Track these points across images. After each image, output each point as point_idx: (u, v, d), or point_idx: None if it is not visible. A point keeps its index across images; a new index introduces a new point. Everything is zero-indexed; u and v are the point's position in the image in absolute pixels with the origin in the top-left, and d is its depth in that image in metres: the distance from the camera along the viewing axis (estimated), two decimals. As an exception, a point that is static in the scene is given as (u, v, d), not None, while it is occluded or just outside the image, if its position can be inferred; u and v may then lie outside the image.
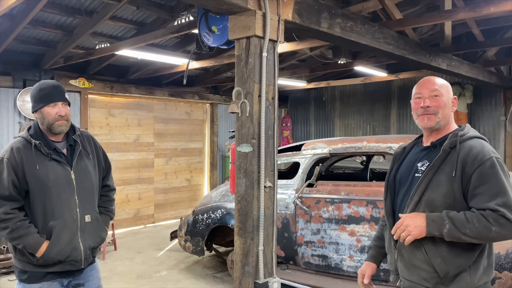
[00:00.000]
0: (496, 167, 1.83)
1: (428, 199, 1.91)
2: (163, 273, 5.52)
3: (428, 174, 1.93)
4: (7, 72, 6.29)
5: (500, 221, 1.76)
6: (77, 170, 2.48)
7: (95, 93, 7.40)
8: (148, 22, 5.85)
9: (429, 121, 1.99)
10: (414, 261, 1.95)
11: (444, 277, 1.88)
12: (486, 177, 1.82)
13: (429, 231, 1.85)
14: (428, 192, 1.92)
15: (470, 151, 1.87)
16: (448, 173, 1.88)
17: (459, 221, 1.80)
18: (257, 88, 2.84)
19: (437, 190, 1.89)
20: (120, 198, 7.88)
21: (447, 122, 2.02)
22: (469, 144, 1.90)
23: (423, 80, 2.09)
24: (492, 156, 1.86)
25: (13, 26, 5.16)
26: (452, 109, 2.04)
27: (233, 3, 2.69)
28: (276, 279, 2.92)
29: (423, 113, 2.00)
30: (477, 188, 1.83)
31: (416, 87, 2.08)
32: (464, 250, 1.87)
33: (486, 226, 1.76)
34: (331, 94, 10.78)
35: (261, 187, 2.84)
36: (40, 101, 2.41)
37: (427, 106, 1.98)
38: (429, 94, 1.99)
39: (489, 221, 1.76)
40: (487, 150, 1.89)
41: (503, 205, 1.77)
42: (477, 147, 1.89)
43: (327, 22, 3.36)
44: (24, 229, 2.33)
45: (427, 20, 4.29)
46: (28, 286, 2.43)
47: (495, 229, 1.76)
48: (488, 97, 8.52)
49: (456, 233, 1.80)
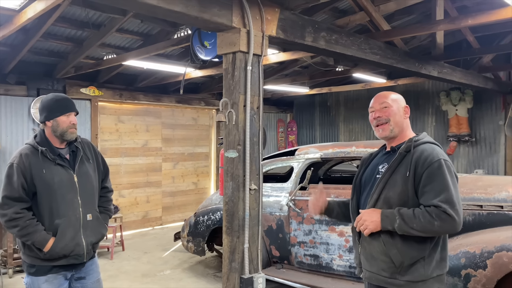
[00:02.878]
0: (442, 168, 2.03)
1: (385, 197, 2.14)
2: (167, 272, 5.80)
3: (386, 175, 2.16)
4: (22, 81, 6.68)
5: (442, 217, 1.96)
6: (79, 174, 2.75)
7: (105, 100, 7.76)
8: (153, 33, 6.18)
9: (384, 131, 2.23)
10: (373, 253, 2.17)
11: (399, 266, 2.08)
12: (433, 177, 2.03)
13: (383, 225, 2.09)
14: (386, 190, 2.14)
15: (422, 153, 2.09)
16: (403, 173, 2.10)
17: (407, 217, 2.02)
18: (243, 99, 3.11)
19: (393, 189, 2.12)
20: (129, 201, 8.22)
21: (401, 129, 2.25)
22: (422, 148, 2.12)
23: (376, 95, 2.34)
24: (440, 158, 2.06)
25: (27, 39, 5.54)
26: (404, 116, 2.27)
27: (219, 22, 2.97)
28: (261, 275, 3.17)
29: (376, 124, 2.25)
30: (425, 186, 2.04)
31: (370, 103, 2.34)
32: (416, 243, 2.07)
33: (430, 221, 1.97)
34: (336, 99, 11.00)
35: (246, 189, 3.10)
36: (56, 111, 2.67)
37: (378, 116, 2.23)
38: (379, 107, 2.25)
39: (433, 216, 1.96)
40: (436, 153, 2.09)
41: (445, 201, 1.97)
42: (428, 150, 2.10)
43: (312, 36, 3.62)
44: (33, 226, 2.59)
45: (411, 31, 4.51)
46: (36, 279, 2.67)
47: (437, 224, 1.96)
48: (488, 102, 8.63)
49: (405, 227, 2.02)
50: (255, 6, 3.14)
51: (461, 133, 8.61)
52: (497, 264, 3.30)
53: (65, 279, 2.77)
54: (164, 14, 2.83)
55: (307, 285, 4.40)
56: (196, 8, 2.79)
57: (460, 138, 8.66)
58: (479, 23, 3.69)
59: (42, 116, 2.72)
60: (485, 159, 8.76)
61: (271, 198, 4.91)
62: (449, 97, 8.59)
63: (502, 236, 3.45)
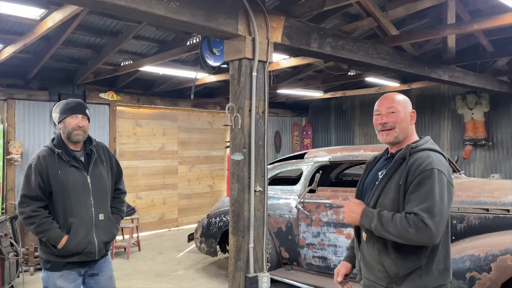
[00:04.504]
0: (433, 177, 1.93)
1: (381, 204, 2.07)
2: (180, 272, 5.95)
3: (382, 182, 2.08)
4: (44, 87, 6.97)
5: (418, 225, 1.86)
6: (93, 175, 2.90)
7: (123, 105, 8.00)
8: (168, 40, 6.37)
9: (388, 136, 2.13)
10: (371, 261, 2.10)
11: (394, 277, 2.00)
12: (421, 185, 1.94)
13: (361, 222, 2.03)
14: (381, 198, 2.07)
15: (415, 161, 1.99)
16: (397, 181, 2.02)
17: (385, 219, 1.94)
18: (248, 104, 3.24)
19: (387, 197, 2.04)
20: (146, 202, 8.43)
21: (406, 135, 2.14)
22: (417, 155, 2.02)
23: (381, 97, 2.21)
24: (433, 167, 1.95)
25: (49, 47, 5.81)
26: (410, 122, 2.15)
27: (225, 31, 3.10)
28: (266, 274, 3.27)
29: (381, 130, 2.14)
30: (411, 193, 1.95)
31: (376, 104, 2.19)
32: (410, 253, 1.97)
33: (405, 227, 1.87)
34: (351, 103, 11.02)
35: (251, 191, 3.21)
36: (64, 113, 2.85)
37: (384, 122, 2.12)
38: (386, 111, 2.12)
39: (409, 223, 1.87)
40: (430, 161, 1.97)
41: (426, 210, 1.87)
42: (422, 158, 1.99)
43: (317, 42, 3.71)
44: (48, 224, 2.74)
45: (418, 37, 4.55)
46: (51, 274, 2.83)
47: (412, 231, 1.86)
48: (506, 105, 8.52)
49: (380, 229, 1.94)
50: (261, 15, 3.27)
51: (477, 137, 8.52)
52: (501, 267, 3.32)
53: (79, 275, 2.91)
54: (172, 24, 2.98)
55: (316, 286, 4.47)
56: (202, 17, 2.93)
57: (476, 142, 8.57)
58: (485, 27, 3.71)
59: (57, 120, 2.92)
60: (502, 163, 8.64)
61: (281, 200, 5.01)
62: (465, 101, 8.53)
63: (507, 240, 3.46)
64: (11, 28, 5.19)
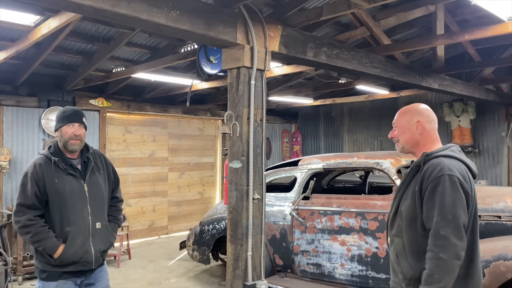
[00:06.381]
0: (443, 183, 1.98)
1: (400, 210, 2.17)
2: (172, 281, 5.90)
3: (401, 189, 2.19)
4: (33, 93, 6.87)
5: (439, 244, 1.91)
6: (90, 183, 2.87)
7: (113, 111, 7.94)
8: (160, 47, 6.35)
9: (397, 148, 2.33)
10: (394, 265, 2.20)
11: (411, 279, 2.05)
12: (433, 193, 2.00)
13: None
14: (400, 204, 2.17)
15: (428, 169, 2.06)
16: (413, 188, 2.11)
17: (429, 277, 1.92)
18: (246, 112, 3.25)
19: (405, 203, 2.13)
20: (136, 210, 8.35)
21: (413, 145, 2.25)
22: (430, 162, 2.09)
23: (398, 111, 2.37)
24: (443, 173, 2.00)
25: (39, 53, 5.74)
26: (416, 132, 2.23)
27: (224, 39, 3.12)
28: (264, 282, 3.27)
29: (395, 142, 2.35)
30: (427, 202, 2.02)
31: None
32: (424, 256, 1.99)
33: (438, 259, 1.90)
34: (340, 110, 11.12)
35: (249, 199, 3.22)
36: (61, 121, 2.83)
37: (391, 137, 2.33)
38: (393, 126, 2.33)
39: (433, 251, 1.92)
40: (441, 167, 2.02)
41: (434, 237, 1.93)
42: (434, 164, 2.06)
43: (313, 51, 3.76)
44: (44, 233, 2.70)
45: (411, 46, 4.64)
46: (47, 284, 2.79)
47: (442, 255, 1.90)
48: (491, 113, 8.71)
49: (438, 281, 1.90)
50: (259, 24, 3.29)
51: (464, 144, 8.69)
52: (495, 273, 3.38)
53: (75, 285, 2.86)
54: (172, 32, 2.98)
55: (310, 293, 4.49)
56: (202, 26, 2.94)
57: (463, 149, 8.69)
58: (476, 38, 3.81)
59: (54, 128, 2.89)
60: (488, 170, 8.81)
61: (274, 207, 5.02)
62: (452, 108, 8.69)
63: (500, 246, 3.53)
64: (1, 34, 5.12)
